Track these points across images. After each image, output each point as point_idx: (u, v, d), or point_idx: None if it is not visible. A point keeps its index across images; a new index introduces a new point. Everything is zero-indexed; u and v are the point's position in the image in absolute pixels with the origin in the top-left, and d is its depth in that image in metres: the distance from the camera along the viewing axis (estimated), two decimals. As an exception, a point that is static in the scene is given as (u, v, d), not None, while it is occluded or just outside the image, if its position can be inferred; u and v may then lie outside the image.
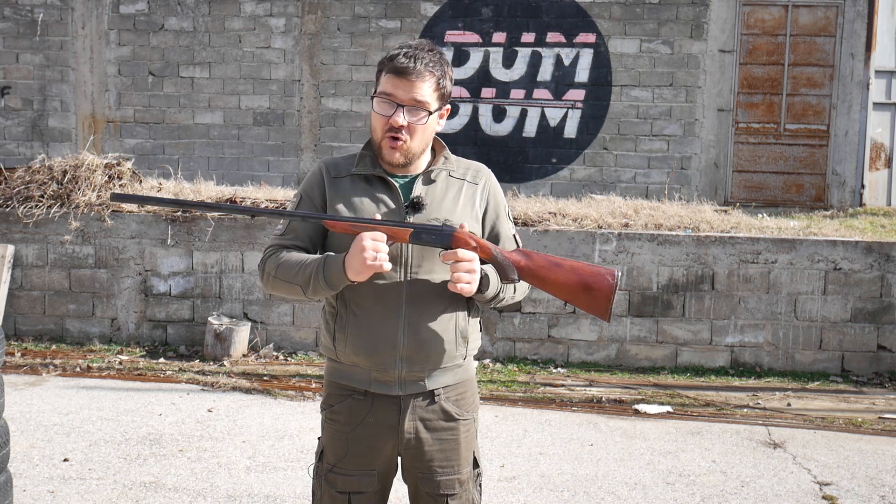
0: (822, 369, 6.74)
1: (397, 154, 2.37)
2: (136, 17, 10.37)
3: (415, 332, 2.36)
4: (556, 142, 10.04)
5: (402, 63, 2.33)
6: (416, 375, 2.40)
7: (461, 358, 2.46)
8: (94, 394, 5.86)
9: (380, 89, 2.37)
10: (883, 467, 4.81)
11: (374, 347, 2.36)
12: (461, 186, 2.47)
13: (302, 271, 2.36)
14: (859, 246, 6.71)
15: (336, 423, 2.45)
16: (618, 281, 2.38)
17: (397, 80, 2.34)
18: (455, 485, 2.45)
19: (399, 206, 2.40)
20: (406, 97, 2.34)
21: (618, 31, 9.90)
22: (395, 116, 2.34)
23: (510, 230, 2.55)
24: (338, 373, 2.47)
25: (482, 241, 2.36)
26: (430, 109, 2.37)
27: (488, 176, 2.53)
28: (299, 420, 5.40)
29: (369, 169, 2.43)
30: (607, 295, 2.37)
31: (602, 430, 5.36)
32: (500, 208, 2.53)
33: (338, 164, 2.49)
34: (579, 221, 6.98)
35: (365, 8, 10.13)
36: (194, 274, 7.12)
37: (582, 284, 2.38)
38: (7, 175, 7.47)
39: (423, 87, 2.35)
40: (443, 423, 2.44)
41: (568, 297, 2.42)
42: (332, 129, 10.26)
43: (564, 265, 2.41)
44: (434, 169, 2.45)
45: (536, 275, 2.40)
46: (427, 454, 2.43)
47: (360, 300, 2.38)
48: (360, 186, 2.42)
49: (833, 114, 9.83)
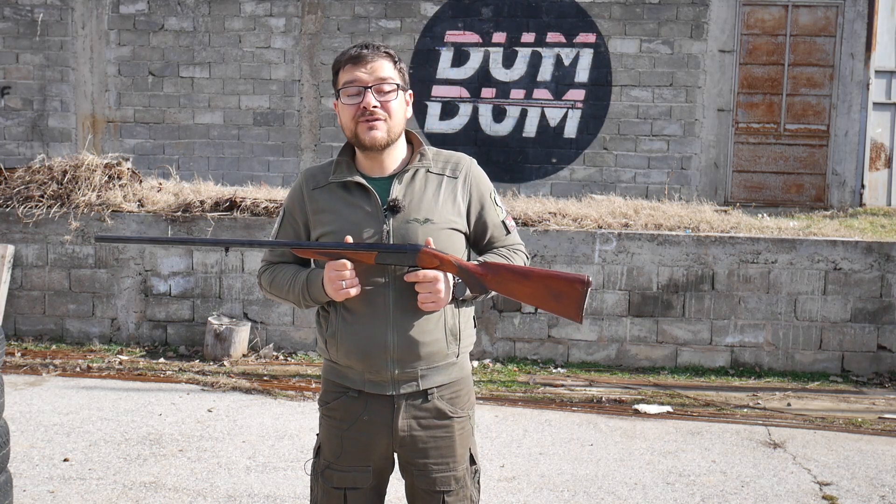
0: (822, 369, 6.74)
1: (378, 133, 2.36)
2: (136, 17, 10.37)
3: (404, 333, 2.37)
4: (556, 142, 10.04)
5: (355, 51, 2.39)
6: (408, 375, 2.40)
7: (454, 356, 2.45)
8: (94, 394, 5.86)
9: (342, 83, 2.39)
10: (883, 467, 4.81)
11: (365, 350, 2.37)
12: (440, 182, 2.45)
13: (291, 290, 2.44)
14: (859, 246, 6.71)
15: (332, 420, 2.47)
16: (588, 287, 2.36)
17: (355, 66, 2.37)
18: (451, 481, 2.46)
19: (377, 209, 2.39)
20: (370, 78, 2.36)
21: (618, 31, 9.90)
22: (367, 98, 2.34)
23: (498, 217, 2.52)
24: (333, 371, 2.49)
25: (446, 256, 2.34)
26: (396, 83, 2.38)
27: (469, 166, 2.50)
28: (299, 420, 5.40)
29: (345, 175, 2.43)
30: (577, 301, 2.36)
31: (602, 430, 5.36)
32: (484, 198, 2.50)
33: (315, 174, 2.49)
34: (579, 221, 6.98)
35: (365, 8, 10.13)
36: (194, 274, 7.12)
37: (550, 294, 2.38)
38: (7, 175, 7.47)
39: (382, 65, 2.37)
40: (437, 422, 2.44)
41: (537, 304, 2.42)
42: (332, 129, 10.25)
43: (532, 276, 2.40)
44: (410, 168, 2.44)
45: (504, 287, 2.41)
46: (422, 451, 2.44)
47: (349, 304, 2.39)
48: (338, 195, 2.42)
49: (833, 114, 9.83)
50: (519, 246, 2.56)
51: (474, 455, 2.53)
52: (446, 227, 2.41)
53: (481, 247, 2.53)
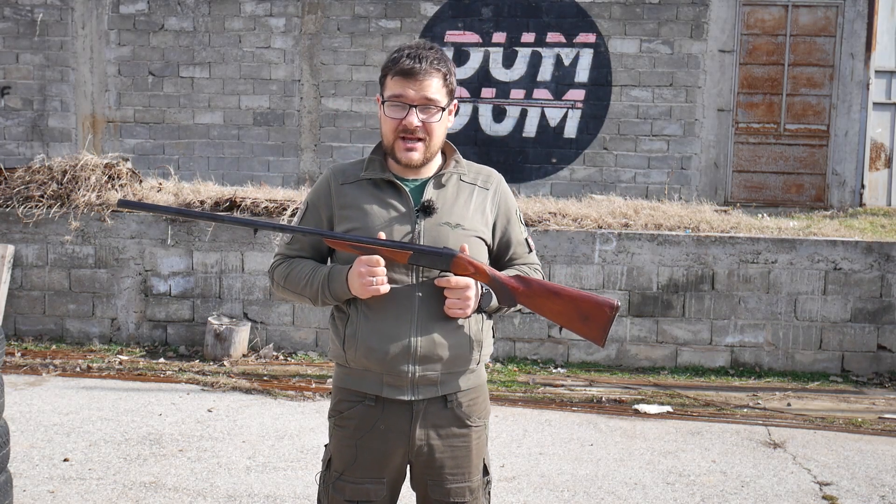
0: (822, 369, 6.74)
1: (415, 154, 2.35)
2: (136, 17, 10.37)
3: (427, 334, 2.34)
4: (556, 142, 10.04)
5: (407, 64, 2.32)
6: (428, 379, 2.37)
7: (475, 363, 2.44)
8: (94, 394, 5.86)
9: (388, 94, 2.35)
10: (883, 467, 4.81)
11: (387, 349, 2.33)
12: (472, 191, 2.44)
13: (309, 285, 2.38)
14: (859, 246, 6.71)
15: (345, 430, 2.41)
16: (616, 312, 2.37)
17: (405, 81, 2.32)
18: (465, 493, 2.43)
19: (409, 209, 2.37)
20: (416, 97, 2.32)
21: (618, 31, 9.90)
22: (409, 118, 2.32)
23: (522, 234, 2.53)
24: (348, 379, 2.43)
25: (481, 265, 2.34)
26: (441, 106, 2.35)
27: (499, 181, 2.52)
28: (299, 420, 5.40)
29: (378, 173, 2.41)
30: (604, 325, 2.37)
31: (602, 430, 5.36)
32: (511, 213, 2.51)
33: (345, 170, 2.47)
34: (579, 221, 6.98)
35: (365, 8, 10.13)
36: (194, 274, 7.12)
37: (579, 314, 2.39)
38: (7, 175, 7.47)
39: (431, 84, 2.33)
40: (455, 430, 2.41)
41: (564, 323, 2.43)
42: (332, 129, 10.26)
43: (563, 294, 2.40)
44: (445, 173, 2.43)
45: (533, 301, 2.40)
46: (438, 461, 2.40)
47: (372, 303, 2.35)
48: (369, 191, 2.40)
49: (833, 114, 9.83)
50: (537, 265, 2.57)
51: (487, 465, 2.50)
52: (474, 235, 2.40)
53: (503, 262, 2.52)
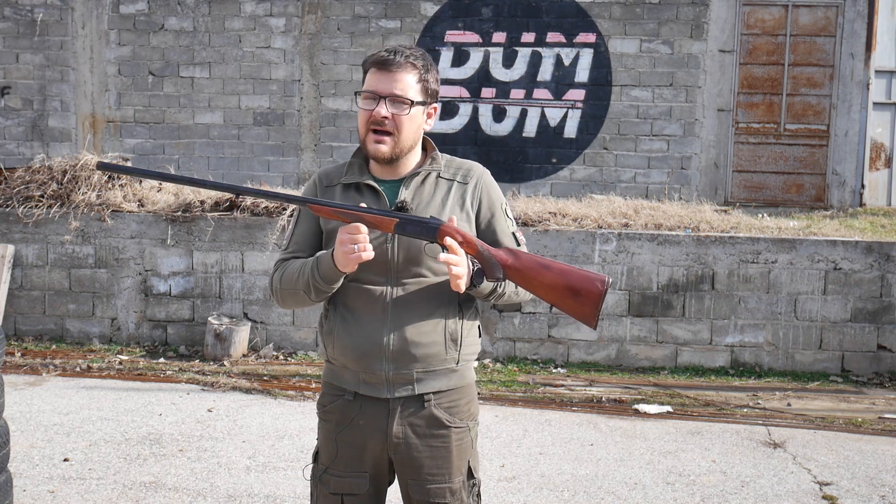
0: (822, 369, 6.74)
1: (383, 147, 2.35)
2: (136, 17, 10.37)
3: (400, 332, 2.35)
4: (556, 142, 10.04)
5: (382, 56, 2.35)
6: (403, 377, 2.37)
7: (453, 362, 2.42)
8: (94, 394, 5.86)
9: (364, 87, 2.38)
10: (883, 467, 4.81)
11: (360, 348, 2.36)
12: (450, 187, 2.44)
13: (301, 275, 2.38)
14: (859, 246, 6.71)
15: (328, 424, 2.46)
16: (607, 287, 2.32)
17: (379, 73, 2.35)
18: (446, 493, 2.41)
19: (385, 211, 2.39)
20: (387, 89, 2.33)
21: (618, 31, 9.90)
22: (378, 108, 2.33)
23: (508, 228, 2.49)
24: (331, 374, 2.48)
25: (469, 236, 2.32)
26: (411, 100, 2.34)
27: (481, 174, 2.49)
28: (299, 420, 5.40)
29: (357, 177, 2.44)
30: (595, 301, 2.32)
31: (602, 430, 5.36)
32: (494, 206, 2.48)
33: (330, 173, 2.51)
34: (579, 221, 6.98)
35: (365, 8, 10.13)
36: (194, 274, 7.12)
37: (569, 288, 2.33)
38: (7, 175, 7.47)
39: (404, 77, 2.34)
40: (434, 431, 2.40)
41: (554, 299, 2.37)
42: (332, 129, 10.26)
43: (553, 267, 2.36)
44: (421, 171, 2.43)
45: (523, 275, 2.36)
46: (416, 460, 2.40)
47: (348, 302, 2.39)
48: (349, 196, 2.43)
49: (833, 114, 9.83)
50: None
51: (473, 469, 2.47)
52: None
53: None
